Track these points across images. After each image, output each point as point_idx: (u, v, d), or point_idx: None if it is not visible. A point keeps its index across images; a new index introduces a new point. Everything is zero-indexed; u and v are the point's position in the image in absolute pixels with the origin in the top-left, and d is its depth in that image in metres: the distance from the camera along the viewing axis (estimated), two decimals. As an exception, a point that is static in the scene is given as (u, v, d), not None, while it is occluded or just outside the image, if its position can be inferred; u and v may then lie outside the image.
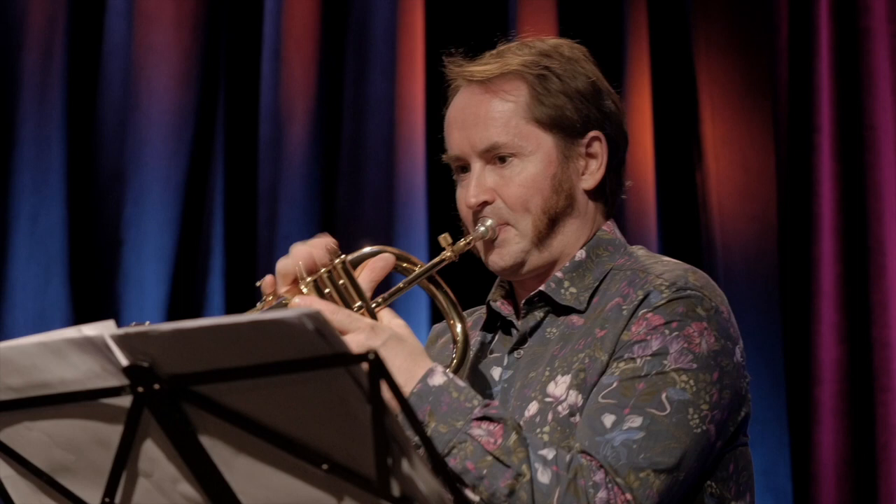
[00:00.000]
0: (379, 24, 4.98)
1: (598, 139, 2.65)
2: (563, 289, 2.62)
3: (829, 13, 4.99)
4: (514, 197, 2.60)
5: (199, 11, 4.93)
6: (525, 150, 2.60)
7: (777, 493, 4.83)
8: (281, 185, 4.90)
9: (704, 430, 2.44)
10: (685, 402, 2.44)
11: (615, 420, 2.42)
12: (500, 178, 2.61)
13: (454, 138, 2.65)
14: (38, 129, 4.79)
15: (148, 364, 1.87)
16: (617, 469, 2.38)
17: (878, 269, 4.88)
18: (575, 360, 2.53)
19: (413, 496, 1.87)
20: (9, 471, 2.09)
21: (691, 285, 2.52)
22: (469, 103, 2.64)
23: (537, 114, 2.61)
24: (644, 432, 2.41)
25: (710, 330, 2.50)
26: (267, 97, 4.92)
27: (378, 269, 2.56)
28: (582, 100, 2.63)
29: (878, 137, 4.92)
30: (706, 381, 2.46)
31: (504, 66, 2.63)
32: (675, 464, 2.41)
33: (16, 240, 4.76)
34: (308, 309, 1.78)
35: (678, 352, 2.46)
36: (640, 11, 5.03)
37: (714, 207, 5.00)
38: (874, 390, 4.84)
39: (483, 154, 2.62)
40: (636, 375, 2.45)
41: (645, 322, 2.49)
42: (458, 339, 2.60)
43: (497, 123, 2.61)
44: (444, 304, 2.64)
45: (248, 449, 1.91)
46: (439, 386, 2.42)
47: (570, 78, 2.63)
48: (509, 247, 2.61)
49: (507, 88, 2.62)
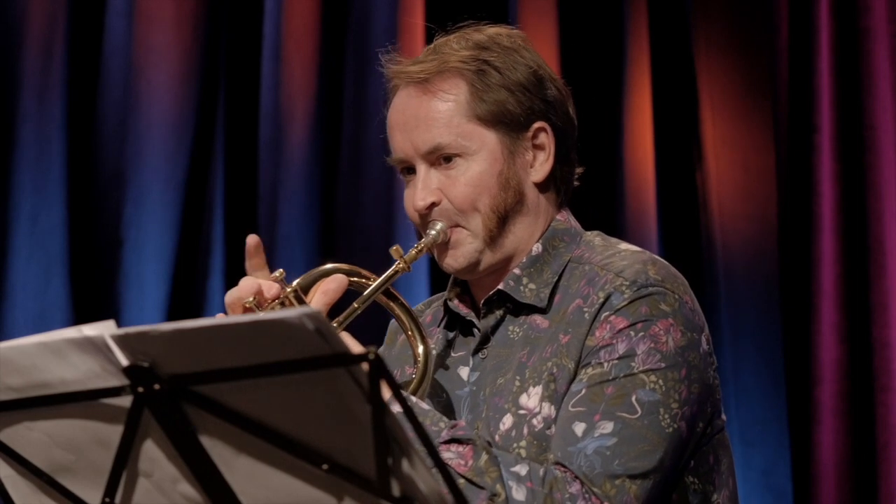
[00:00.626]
0: (379, 24, 4.98)
1: (543, 130, 2.59)
2: (521, 286, 2.58)
3: (829, 13, 4.99)
4: (462, 197, 2.55)
5: (199, 11, 4.94)
6: (469, 150, 2.56)
7: (777, 493, 4.83)
8: (281, 185, 4.90)
9: (676, 427, 2.42)
10: (655, 402, 2.41)
11: (586, 427, 2.39)
12: (446, 178, 2.56)
13: (396, 141, 2.60)
14: (38, 128, 4.80)
15: (148, 364, 1.87)
16: (592, 479, 2.35)
17: (879, 268, 4.88)
18: (544, 368, 2.49)
19: (413, 496, 1.87)
20: (9, 471, 2.09)
21: (652, 281, 2.48)
22: (408, 105, 2.59)
23: (478, 111, 2.56)
24: (616, 438, 2.38)
25: (676, 325, 2.45)
26: (267, 97, 4.92)
27: (331, 291, 2.51)
28: (523, 91, 2.57)
29: (878, 137, 4.92)
30: (675, 378, 2.43)
31: (441, 64, 2.58)
32: (651, 467, 2.38)
33: (16, 239, 4.76)
34: (308, 309, 1.78)
35: (645, 352, 2.43)
36: (640, 11, 5.03)
37: (714, 207, 5.00)
38: (874, 390, 4.84)
39: (427, 156, 2.57)
40: (604, 380, 2.42)
41: (609, 325, 2.45)
42: (419, 360, 2.55)
43: (438, 124, 2.56)
44: (403, 319, 2.60)
45: (248, 449, 1.91)
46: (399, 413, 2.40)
47: (509, 70, 2.58)
48: (462, 248, 2.57)
49: (446, 87, 2.57)
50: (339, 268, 2.57)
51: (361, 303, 2.54)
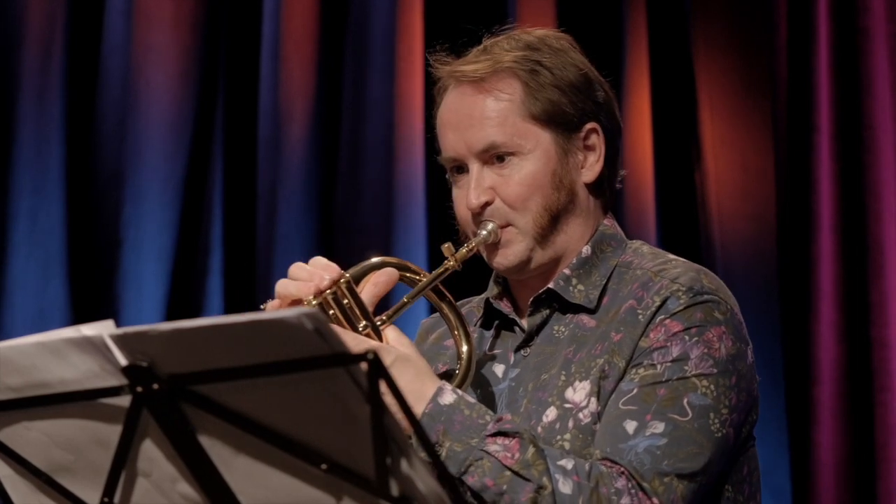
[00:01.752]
0: (378, 24, 4.98)
1: (595, 131, 2.62)
2: (571, 286, 2.60)
3: (828, 13, 4.99)
4: (515, 196, 2.57)
5: (199, 11, 4.93)
6: (523, 149, 2.57)
7: (776, 493, 4.83)
8: (280, 185, 4.90)
9: (725, 433, 2.44)
10: (706, 406, 2.43)
11: (637, 426, 2.41)
12: (499, 177, 2.58)
13: (449, 140, 2.61)
14: (38, 128, 4.80)
15: (147, 364, 1.87)
16: (642, 474, 2.37)
17: (877, 268, 4.88)
18: (593, 365, 2.51)
19: (412, 496, 1.87)
20: (8, 471, 2.09)
21: (707, 289, 2.51)
22: (462, 104, 2.60)
23: (533, 110, 2.57)
24: (667, 438, 2.40)
25: (728, 334, 2.49)
26: (266, 97, 4.92)
27: (381, 283, 2.53)
28: (575, 92, 2.60)
29: (877, 137, 4.92)
30: (725, 385, 2.45)
31: (495, 64, 2.58)
32: (698, 469, 2.40)
33: (15, 239, 4.76)
34: (307, 308, 1.78)
35: (698, 357, 2.45)
36: (639, 11, 5.03)
37: (713, 207, 5.00)
38: (873, 390, 4.84)
39: (480, 154, 2.58)
40: (657, 381, 2.44)
41: (664, 329, 2.47)
42: (462, 357, 2.57)
43: (493, 123, 2.57)
44: (451, 318, 2.61)
45: (247, 449, 1.91)
46: (450, 404, 2.40)
47: (561, 70, 2.60)
48: (513, 247, 2.58)
49: (500, 87, 2.58)
50: (388, 261, 2.58)
51: (411, 297, 2.56)
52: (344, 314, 2.46)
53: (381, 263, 2.57)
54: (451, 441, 2.37)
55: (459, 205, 2.62)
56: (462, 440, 2.37)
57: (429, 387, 2.41)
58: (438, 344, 2.74)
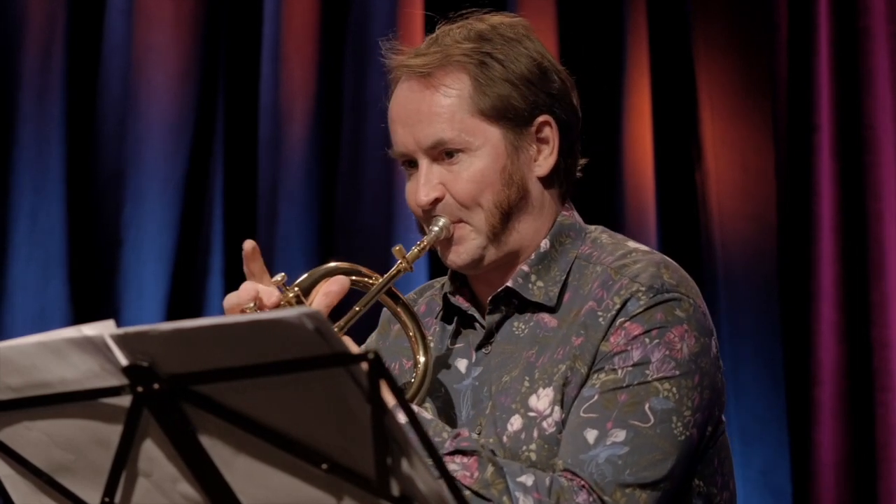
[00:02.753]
0: (378, 23, 4.97)
1: (547, 124, 2.55)
2: (530, 283, 2.55)
3: (828, 13, 4.99)
4: (464, 193, 2.52)
5: (199, 11, 4.94)
6: (472, 145, 2.52)
7: (776, 493, 4.83)
8: (280, 185, 4.90)
9: (688, 435, 2.42)
10: (669, 410, 2.40)
11: (598, 435, 2.38)
12: (449, 173, 2.53)
13: (398, 134, 2.56)
14: (38, 128, 4.80)
15: (147, 364, 1.87)
16: (603, 487, 2.35)
17: (878, 268, 4.88)
18: (556, 371, 2.47)
19: (413, 496, 1.87)
20: (8, 471, 2.09)
21: (668, 286, 2.47)
22: (410, 98, 2.55)
23: (481, 105, 2.52)
24: (629, 447, 2.37)
25: (690, 331, 2.45)
26: (266, 97, 4.92)
27: (333, 293, 2.47)
28: (527, 84, 2.53)
29: (877, 137, 4.92)
30: (688, 386, 2.42)
31: (444, 58, 2.53)
32: (662, 476, 2.38)
33: (15, 239, 4.77)
34: (308, 308, 1.78)
35: (660, 360, 2.42)
36: (639, 11, 5.03)
37: (713, 207, 5.00)
38: (874, 390, 4.84)
39: (429, 151, 2.53)
40: (618, 387, 2.41)
41: (623, 332, 2.43)
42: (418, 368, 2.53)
43: (441, 119, 2.52)
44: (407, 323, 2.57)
45: (247, 449, 1.91)
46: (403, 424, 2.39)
47: (512, 62, 2.53)
48: (465, 244, 2.54)
49: (448, 81, 2.52)
50: (340, 267, 2.55)
51: (363, 305, 2.51)
52: None
53: (334, 269, 2.54)
54: None
55: (411, 199, 2.58)
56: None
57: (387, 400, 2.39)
58: (401, 337, 2.66)
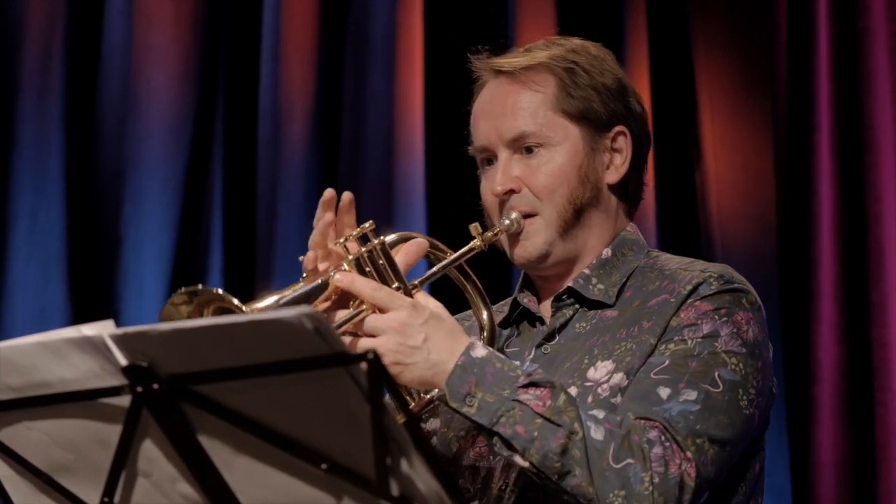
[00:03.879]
0: (378, 23, 4.98)
1: (623, 134, 2.68)
2: (590, 285, 2.65)
3: (828, 13, 4.99)
4: (541, 186, 2.63)
5: (199, 11, 4.94)
6: (552, 141, 2.64)
7: (776, 493, 4.83)
8: (280, 185, 4.90)
9: (751, 413, 2.49)
10: (736, 382, 2.48)
11: (671, 392, 2.45)
12: (527, 167, 2.64)
13: (481, 128, 2.68)
14: (38, 128, 4.80)
15: (147, 364, 1.87)
16: (677, 430, 2.41)
17: (877, 269, 4.88)
18: (617, 347, 2.55)
19: (412, 496, 1.87)
20: (8, 471, 2.09)
21: (737, 280, 2.58)
22: (497, 94, 2.67)
23: (565, 105, 2.64)
24: (700, 405, 2.44)
25: (755, 321, 2.55)
26: (266, 97, 4.92)
27: (412, 253, 2.58)
28: (609, 95, 2.68)
29: (877, 137, 4.92)
30: (753, 366, 2.51)
31: (532, 59, 2.67)
32: (728, 437, 2.44)
33: (15, 239, 4.77)
34: (307, 309, 1.79)
35: (728, 335, 2.50)
36: (639, 12, 5.03)
37: (713, 207, 5.00)
38: (873, 390, 4.84)
39: (510, 143, 2.65)
40: (688, 355, 2.48)
41: (694, 309, 2.53)
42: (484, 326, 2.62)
43: (525, 113, 2.64)
44: (472, 293, 2.65)
45: (247, 449, 1.91)
46: (482, 357, 2.42)
47: (597, 73, 2.68)
48: (534, 238, 2.64)
49: (536, 80, 2.66)
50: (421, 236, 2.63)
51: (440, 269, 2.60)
52: (378, 273, 2.50)
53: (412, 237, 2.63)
54: (483, 392, 2.39)
55: (486, 194, 2.68)
56: (494, 391, 2.39)
57: (460, 342, 2.43)
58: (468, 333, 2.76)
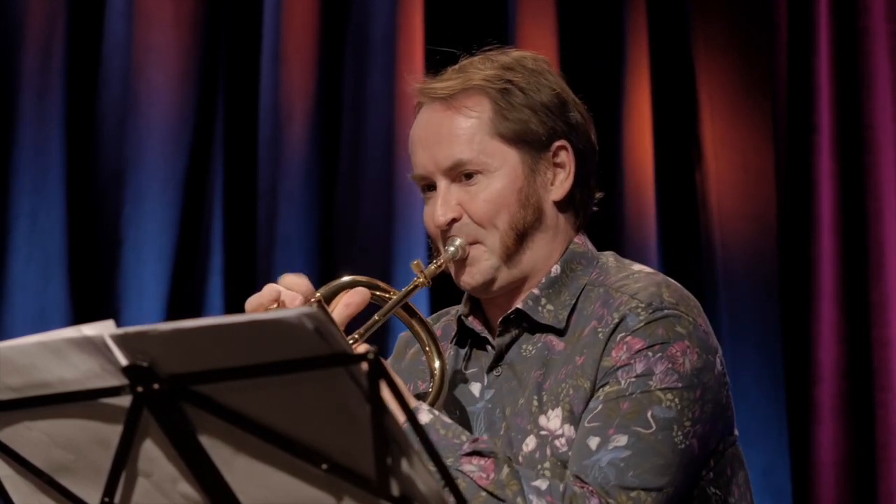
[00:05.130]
0: (378, 23, 4.98)
1: (564, 148, 2.61)
2: (540, 306, 2.59)
3: (828, 13, 4.99)
4: (481, 213, 2.57)
5: (199, 11, 4.94)
6: (490, 167, 2.57)
7: (776, 493, 4.83)
8: (280, 185, 4.90)
9: (688, 444, 2.45)
10: (670, 419, 2.43)
11: (600, 441, 2.42)
12: (466, 194, 2.58)
13: (419, 157, 2.63)
14: (38, 128, 4.80)
15: (147, 364, 1.87)
16: (608, 491, 2.38)
17: (878, 268, 4.88)
18: (560, 390, 2.51)
19: (412, 496, 1.87)
20: (8, 471, 2.09)
21: (667, 304, 2.50)
22: (431, 121, 2.61)
23: (501, 129, 2.57)
24: (630, 451, 2.40)
25: (692, 347, 2.48)
26: (266, 97, 4.92)
27: (353, 304, 2.53)
28: (547, 112, 2.60)
29: (877, 137, 4.92)
30: (690, 398, 2.46)
31: (466, 82, 2.59)
32: (664, 482, 2.41)
33: (15, 239, 4.77)
34: (308, 308, 1.79)
35: (663, 372, 2.45)
36: (639, 12, 5.03)
37: (713, 207, 5.00)
38: (873, 390, 4.84)
39: (448, 172, 2.59)
40: (620, 395, 2.44)
41: (625, 346, 2.47)
42: (435, 375, 2.58)
43: (460, 140, 2.58)
44: (422, 335, 2.61)
45: (247, 449, 1.91)
46: (426, 424, 2.41)
47: (534, 91, 2.60)
48: (479, 264, 2.58)
49: (470, 104, 2.58)
50: (358, 280, 2.59)
51: (382, 315, 2.56)
52: None
53: (352, 283, 2.58)
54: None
55: (428, 221, 2.63)
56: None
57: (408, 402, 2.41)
58: (416, 360, 2.73)
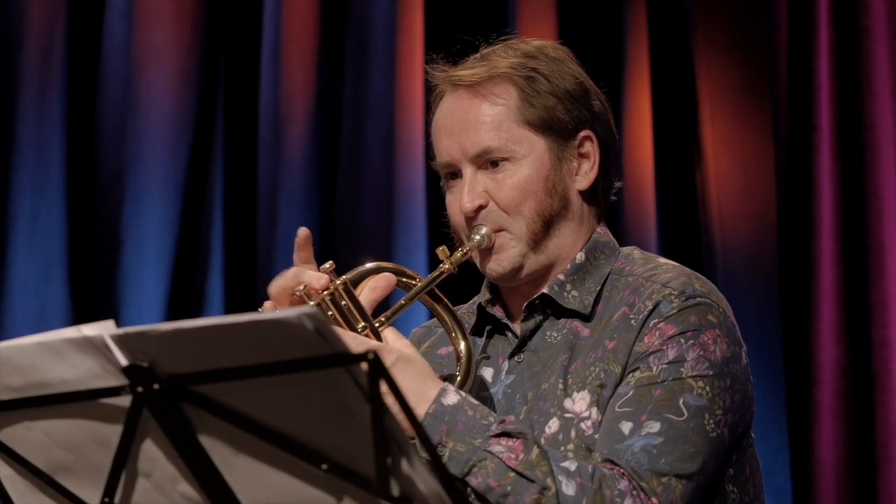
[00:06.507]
0: (378, 23, 4.98)
1: (589, 139, 2.63)
2: (565, 292, 2.60)
3: (828, 13, 4.99)
4: (508, 200, 2.58)
5: (199, 11, 4.94)
6: (517, 154, 2.58)
7: (776, 493, 4.83)
8: (280, 185, 4.91)
9: (719, 433, 2.46)
10: (701, 407, 2.45)
11: (633, 426, 2.43)
12: (493, 181, 2.58)
13: (444, 144, 2.62)
14: (38, 128, 4.80)
15: (147, 364, 1.87)
16: (640, 474, 2.39)
17: (878, 268, 4.88)
18: (588, 374, 2.52)
19: (412, 496, 1.87)
20: (8, 471, 2.09)
21: (699, 293, 2.53)
22: (457, 108, 2.61)
23: (528, 116, 2.59)
24: (663, 437, 2.41)
25: (722, 336, 2.51)
26: (266, 97, 4.92)
27: (380, 288, 2.53)
28: (571, 100, 2.61)
29: (877, 137, 4.92)
30: (721, 387, 2.47)
31: (491, 69, 2.60)
32: (695, 469, 2.42)
33: (15, 240, 4.77)
34: (308, 309, 1.78)
35: (695, 359, 2.47)
36: (639, 11, 5.03)
37: (714, 207, 5.00)
38: (874, 390, 4.84)
39: (475, 159, 2.59)
40: (652, 382, 2.46)
41: (658, 332, 2.49)
42: (461, 357, 2.57)
43: (488, 127, 2.58)
44: (447, 320, 2.61)
45: (247, 449, 1.91)
46: (454, 405, 2.40)
47: (557, 78, 2.61)
48: (506, 252, 2.59)
49: (496, 91, 2.59)
50: (384, 266, 2.58)
51: (408, 300, 2.55)
52: (342, 315, 2.46)
53: (378, 268, 2.58)
54: (454, 441, 2.37)
55: (453, 210, 2.63)
56: (466, 441, 2.37)
57: (431, 387, 2.41)
58: (432, 353, 2.74)
